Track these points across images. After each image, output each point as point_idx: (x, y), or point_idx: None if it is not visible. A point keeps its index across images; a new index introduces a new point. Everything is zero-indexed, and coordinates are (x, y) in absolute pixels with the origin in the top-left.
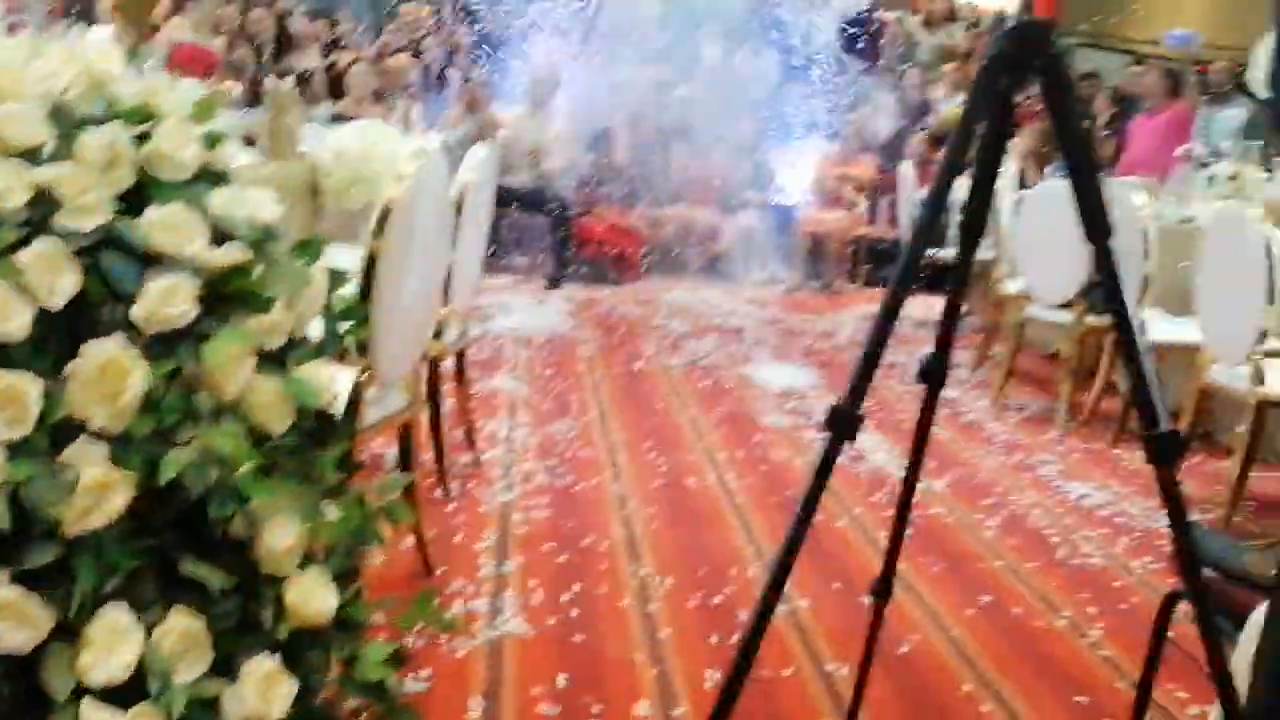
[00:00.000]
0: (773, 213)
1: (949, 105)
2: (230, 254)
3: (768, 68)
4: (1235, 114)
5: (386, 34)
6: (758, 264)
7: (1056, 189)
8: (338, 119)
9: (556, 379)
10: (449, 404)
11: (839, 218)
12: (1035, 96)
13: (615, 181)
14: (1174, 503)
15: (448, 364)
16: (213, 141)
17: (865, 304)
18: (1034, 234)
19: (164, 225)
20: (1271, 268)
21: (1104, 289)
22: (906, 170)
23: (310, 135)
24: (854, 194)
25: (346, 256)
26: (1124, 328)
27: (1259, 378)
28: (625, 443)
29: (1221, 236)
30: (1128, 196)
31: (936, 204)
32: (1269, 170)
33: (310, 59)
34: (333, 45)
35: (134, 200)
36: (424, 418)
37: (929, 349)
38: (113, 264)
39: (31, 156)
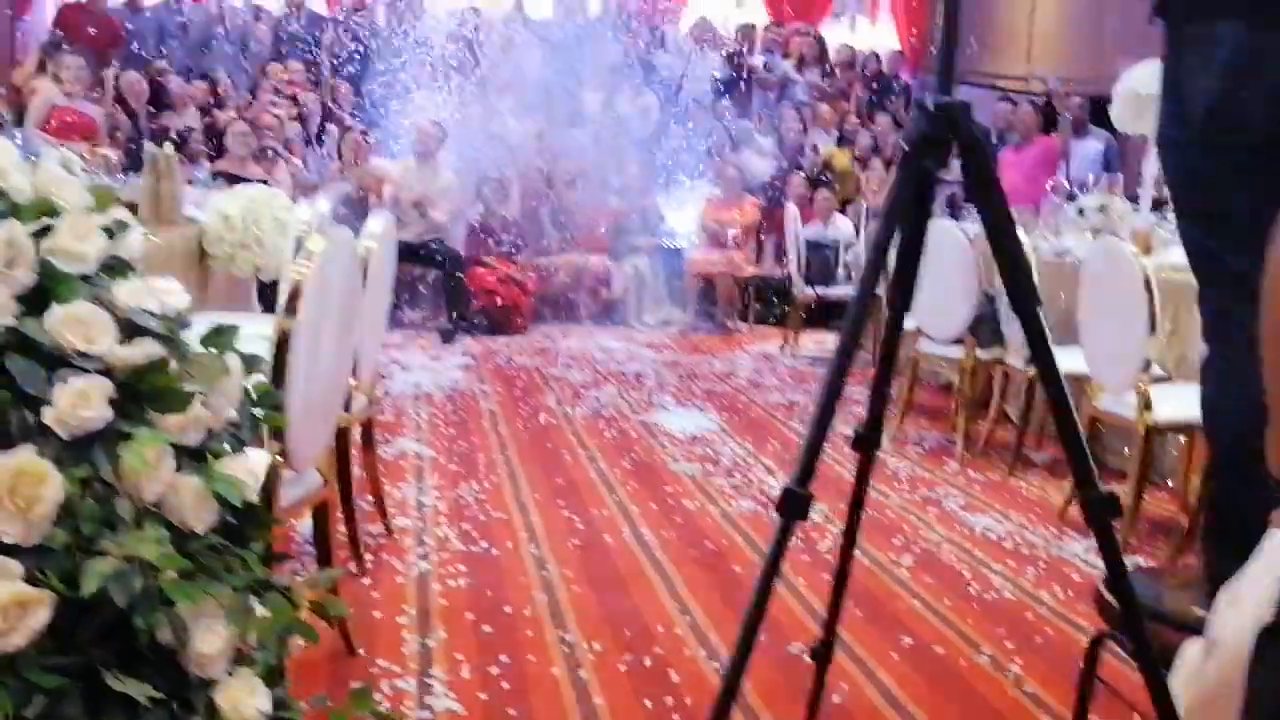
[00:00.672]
0: (662, 256)
1: (827, 145)
2: (143, 350)
3: (647, 113)
4: (1095, 146)
5: (262, 91)
6: (650, 307)
7: (942, 228)
8: (218, 177)
9: (461, 437)
10: (355, 472)
11: (726, 258)
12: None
13: (504, 231)
14: (1112, 559)
15: (353, 431)
16: (114, 231)
17: (758, 342)
18: (922, 272)
19: (71, 323)
20: (1151, 299)
21: (1035, 355)
22: (791, 210)
23: (192, 199)
24: (739, 235)
25: (245, 327)
26: (1055, 390)
27: (1146, 405)
28: (537, 501)
29: (1100, 270)
30: None
31: (866, 289)
32: (1132, 201)
33: (188, 118)
34: (209, 105)
35: (35, 298)
36: (335, 492)
37: (857, 411)
38: (19, 368)
39: None
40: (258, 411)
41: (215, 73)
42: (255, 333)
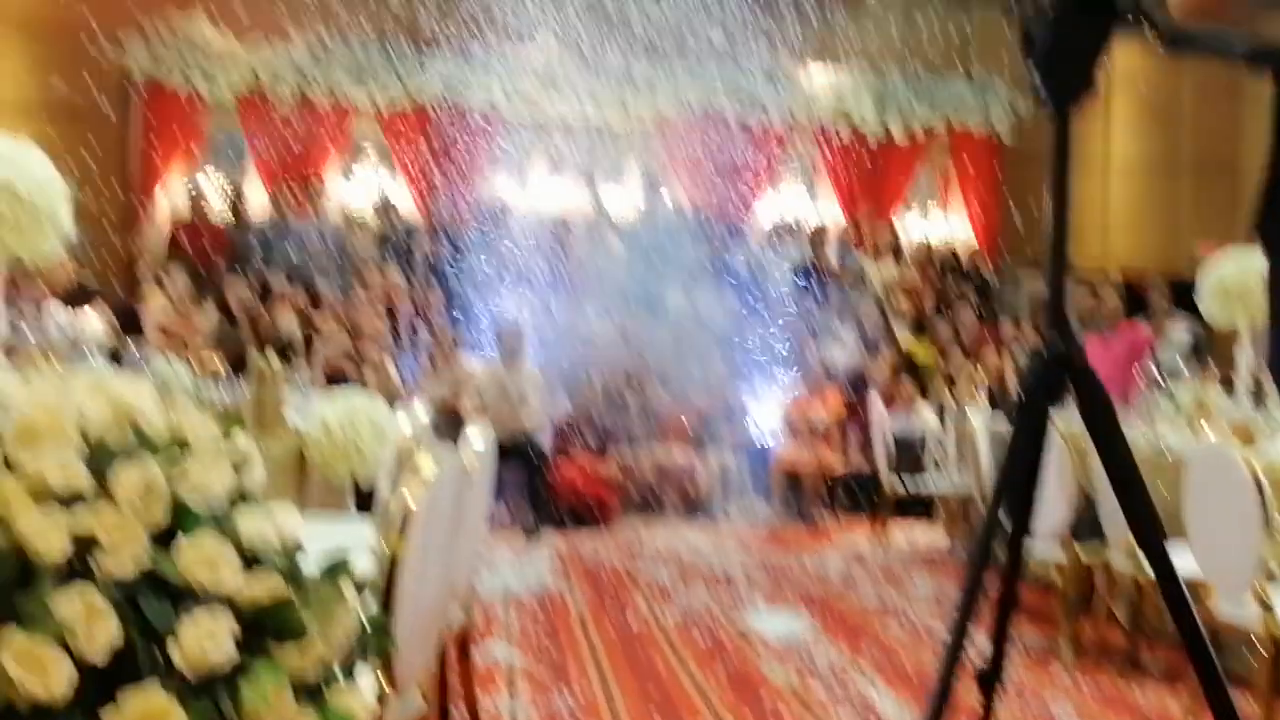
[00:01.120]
0: (746, 449)
1: (905, 336)
2: (265, 585)
3: (728, 309)
4: (1182, 333)
5: (359, 298)
6: (736, 501)
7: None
8: (316, 383)
9: (551, 643)
10: (450, 679)
11: (812, 452)
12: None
13: (589, 428)
14: None
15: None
16: (239, 465)
17: (847, 535)
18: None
19: (199, 560)
20: (1263, 498)
21: (1162, 587)
22: (876, 402)
23: (294, 404)
24: (823, 427)
25: (339, 533)
26: (1175, 597)
27: (1267, 607)
28: (631, 714)
29: (1206, 471)
30: None
31: (984, 545)
32: (1224, 385)
33: (287, 323)
34: (309, 312)
35: (163, 532)
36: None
37: (981, 646)
38: (149, 605)
39: (69, 500)
40: (368, 640)
41: (315, 281)
42: (352, 535)
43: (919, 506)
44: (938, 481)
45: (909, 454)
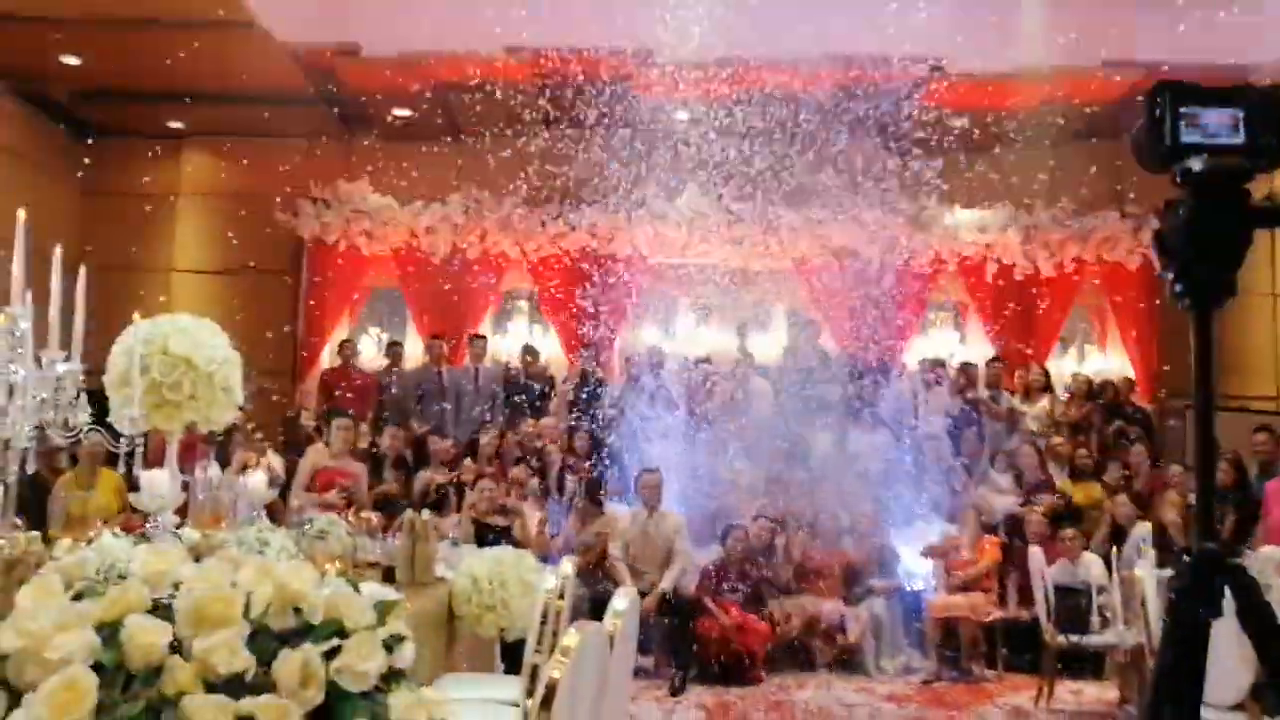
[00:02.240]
0: (900, 598)
1: (1063, 480)
2: None
3: (877, 452)
4: None
5: (508, 447)
6: (889, 654)
7: None
8: (467, 534)
9: None
10: None
11: (969, 601)
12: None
13: (736, 575)
14: None
15: None
16: (392, 647)
17: (1009, 693)
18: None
19: None
20: None
21: None
22: (1035, 554)
23: (444, 556)
24: (980, 574)
25: (489, 691)
26: None
27: None
28: None
29: None
30: None
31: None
32: None
33: (438, 472)
34: (458, 458)
35: (318, 712)
36: None
37: None
38: None
39: (234, 682)
40: None
41: (464, 431)
42: (498, 698)
43: (1086, 662)
44: (1104, 636)
45: (1072, 606)
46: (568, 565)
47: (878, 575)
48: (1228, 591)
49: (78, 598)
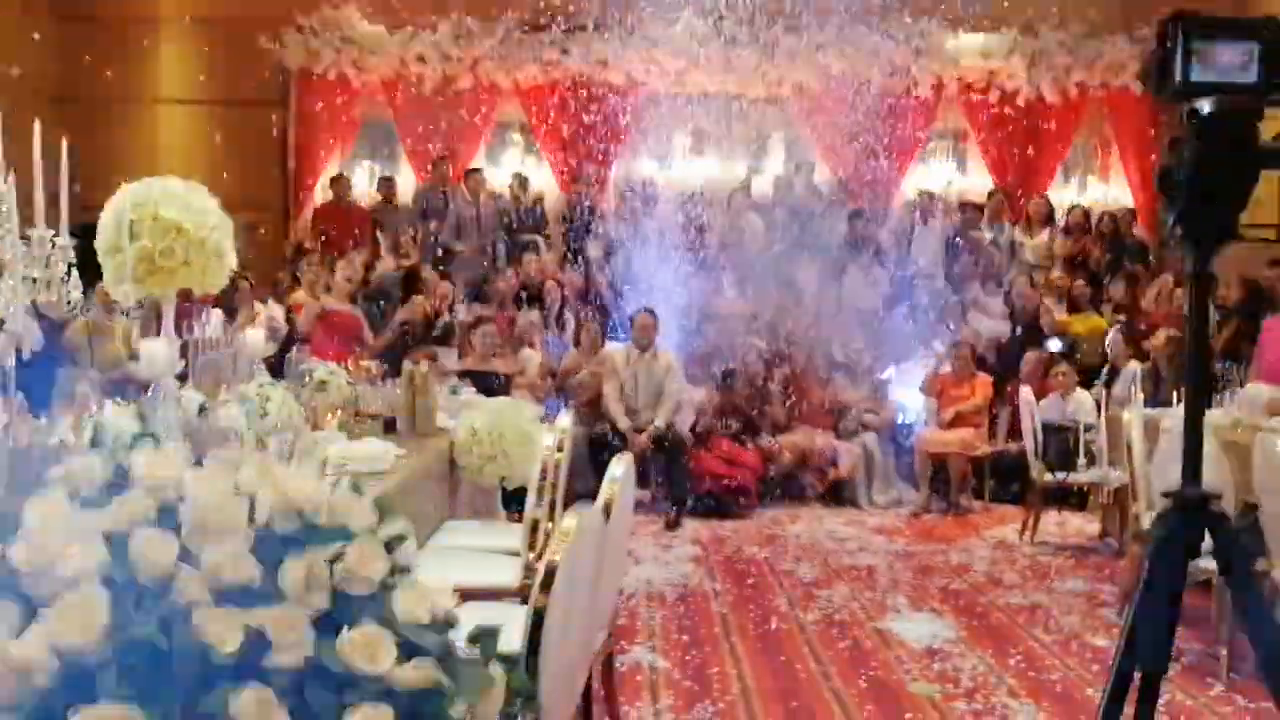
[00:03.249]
0: (891, 433)
1: (1060, 313)
2: (423, 673)
3: (873, 287)
4: None
5: (504, 282)
6: (880, 487)
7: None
8: (466, 375)
9: (694, 646)
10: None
11: (959, 437)
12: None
13: (730, 411)
14: None
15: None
16: (394, 546)
17: (995, 525)
18: (1172, 468)
19: (359, 646)
20: None
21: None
22: (1026, 395)
23: (445, 407)
24: (971, 409)
25: (491, 539)
26: None
27: None
28: None
29: None
30: (1271, 447)
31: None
32: None
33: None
34: (457, 297)
35: (324, 620)
36: None
37: None
38: (314, 694)
39: (241, 590)
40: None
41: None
42: (499, 546)
43: (1071, 494)
44: (1089, 474)
45: (1060, 443)
46: (566, 418)
47: (870, 410)
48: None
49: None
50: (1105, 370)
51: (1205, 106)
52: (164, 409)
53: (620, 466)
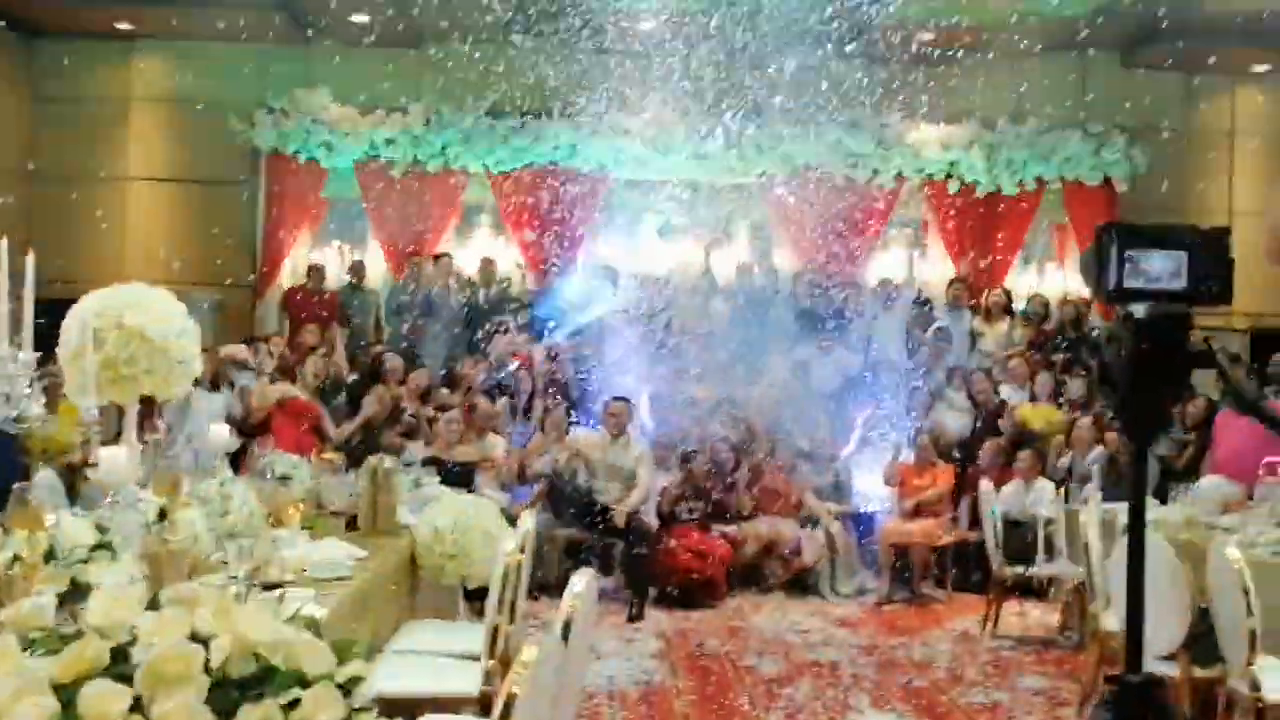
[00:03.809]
0: (854, 521)
1: (1022, 403)
2: None
3: (836, 374)
4: None
5: (471, 368)
6: (843, 576)
7: (1154, 543)
8: (430, 463)
9: None
10: None
11: (921, 527)
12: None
13: (695, 499)
14: None
15: None
16: (350, 689)
17: (958, 616)
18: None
19: None
20: None
21: None
22: (986, 487)
23: (407, 503)
24: (934, 499)
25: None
26: None
27: None
28: None
29: None
30: (1224, 553)
31: None
32: None
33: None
34: (430, 389)
35: None
36: None
37: None
38: None
39: None
40: None
41: (426, 355)
42: (459, 650)
43: (1033, 584)
44: (1048, 568)
45: (1020, 537)
46: (529, 520)
47: (834, 498)
48: None
49: (32, 646)
50: (1066, 460)
51: (1140, 311)
52: (122, 517)
53: (581, 582)
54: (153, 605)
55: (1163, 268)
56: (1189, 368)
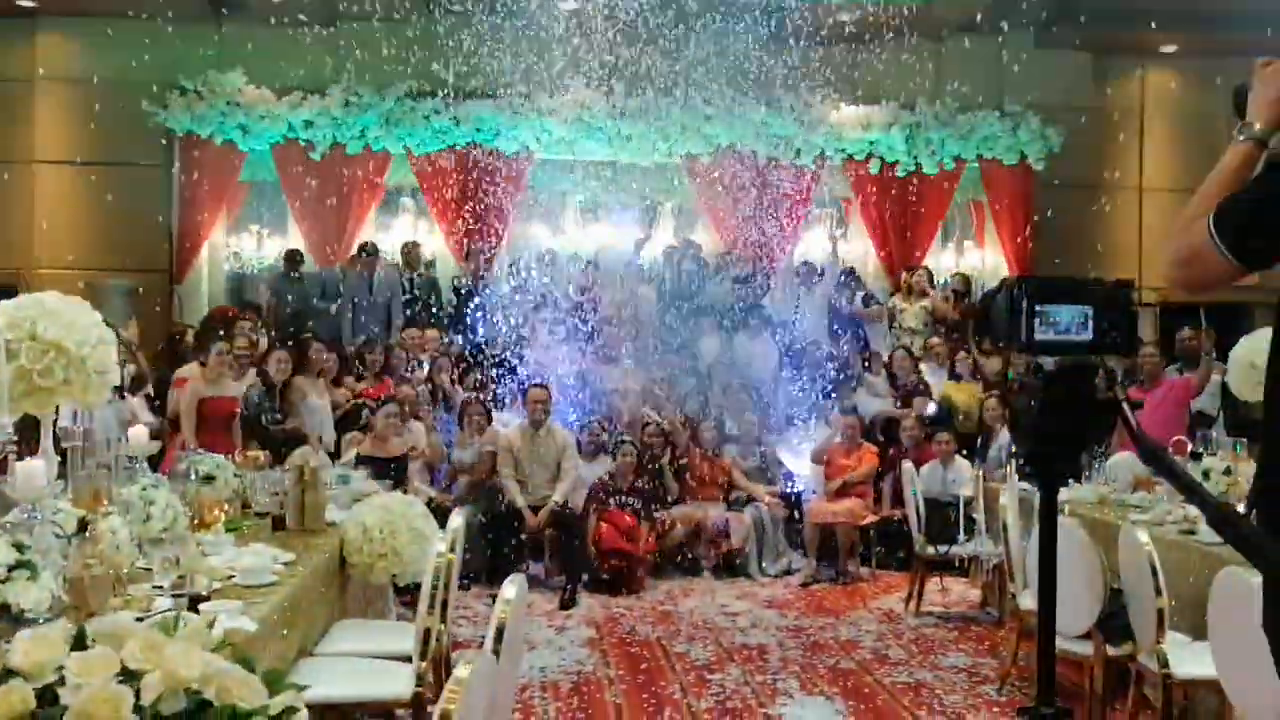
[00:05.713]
0: (780, 502)
1: (943, 381)
2: None
3: (762, 358)
4: (1215, 378)
5: (395, 358)
6: (770, 557)
7: (1068, 527)
8: (360, 464)
9: None
10: None
11: (846, 507)
12: None
13: (624, 485)
14: None
15: None
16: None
17: (882, 595)
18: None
19: None
20: None
21: None
22: (907, 468)
23: (335, 500)
24: (857, 479)
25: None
26: None
27: None
28: None
29: (1227, 605)
30: (1133, 535)
31: None
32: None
33: (321, 394)
34: (343, 375)
35: None
36: None
37: None
38: None
39: None
40: None
41: (350, 337)
42: (390, 651)
43: (953, 566)
44: (968, 547)
45: (941, 517)
46: (458, 518)
47: (760, 480)
48: None
49: None
50: (979, 439)
51: (1048, 363)
52: (41, 532)
53: (512, 589)
54: (80, 641)
55: (1070, 320)
56: (1095, 415)
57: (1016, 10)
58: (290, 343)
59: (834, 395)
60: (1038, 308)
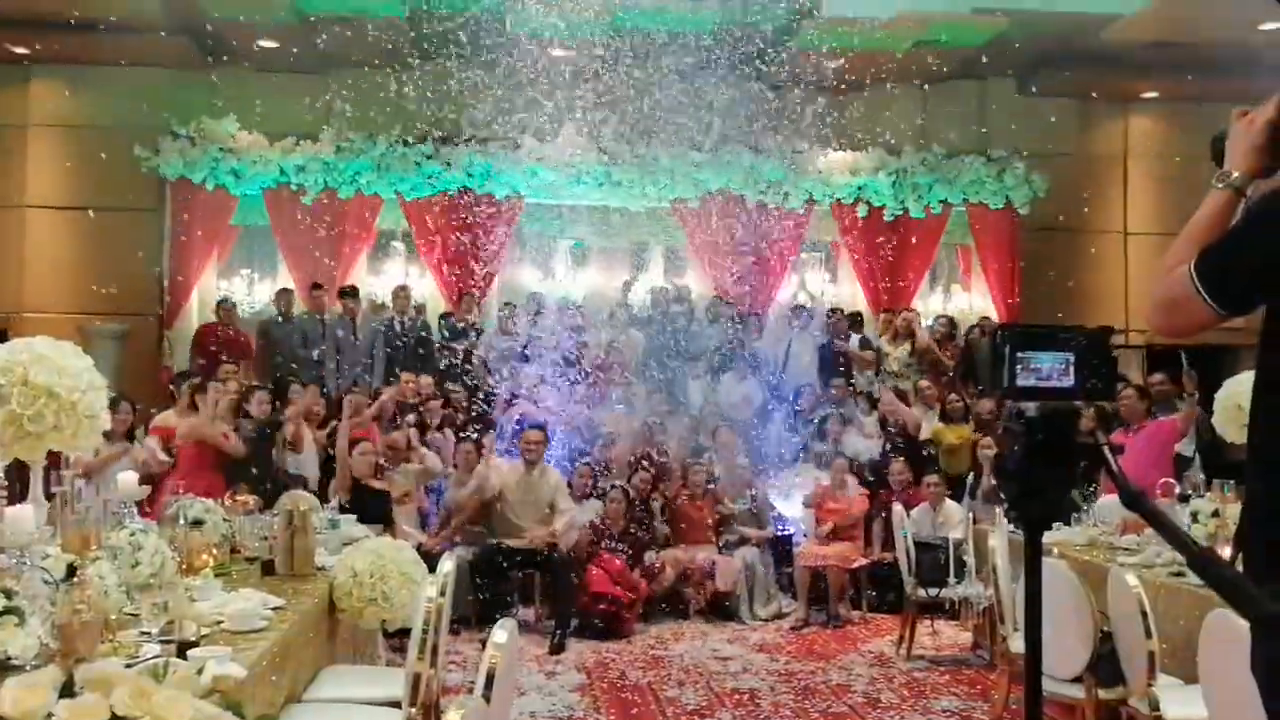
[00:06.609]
0: (771, 546)
1: (932, 423)
2: None
3: (750, 400)
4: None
5: (385, 397)
6: (761, 600)
7: (1058, 569)
8: (346, 509)
9: None
10: None
11: (836, 551)
12: None
13: (614, 528)
14: None
15: None
16: None
17: (874, 638)
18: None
19: None
20: None
21: None
22: (898, 511)
23: (324, 543)
24: (848, 522)
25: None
26: None
27: None
28: None
29: (1217, 648)
30: (1123, 579)
31: None
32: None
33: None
34: (327, 419)
35: None
36: None
37: None
38: None
39: None
40: None
41: (339, 382)
42: (380, 697)
43: (944, 610)
44: (959, 590)
45: (931, 560)
46: (449, 563)
47: (750, 523)
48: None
49: None
50: (971, 480)
51: (1030, 409)
52: (30, 578)
53: (503, 634)
54: (68, 688)
55: (1051, 367)
56: (1078, 461)
57: (1001, 58)
58: (273, 385)
59: (825, 437)
60: (1019, 354)
